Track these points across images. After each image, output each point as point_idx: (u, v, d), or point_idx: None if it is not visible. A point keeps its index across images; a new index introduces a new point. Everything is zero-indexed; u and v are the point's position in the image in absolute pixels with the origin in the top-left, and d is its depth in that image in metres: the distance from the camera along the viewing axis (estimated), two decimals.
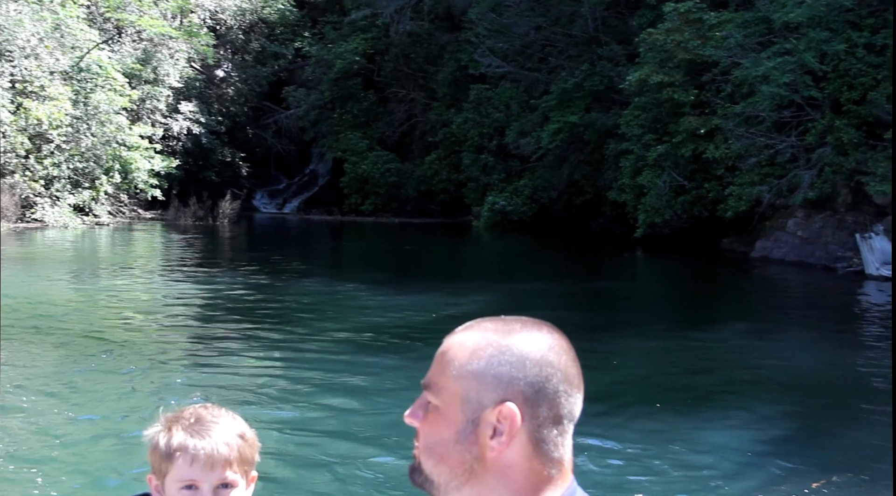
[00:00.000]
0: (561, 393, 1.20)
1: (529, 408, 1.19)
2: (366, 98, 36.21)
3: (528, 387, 1.19)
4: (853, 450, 6.91)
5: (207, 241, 24.95)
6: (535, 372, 1.19)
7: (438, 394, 1.23)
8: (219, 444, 1.68)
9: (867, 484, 6.15)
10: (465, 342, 1.23)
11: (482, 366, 1.20)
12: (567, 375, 1.22)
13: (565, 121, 25.98)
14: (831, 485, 6.01)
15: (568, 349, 1.24)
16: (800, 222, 19.59)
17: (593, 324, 12.69)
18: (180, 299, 13.54)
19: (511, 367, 1.19)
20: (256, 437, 1.77)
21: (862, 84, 17.75)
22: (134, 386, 8.08)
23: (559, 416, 1.21)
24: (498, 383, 1.19)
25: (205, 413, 1.74)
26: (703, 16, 20.17)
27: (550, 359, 1.21)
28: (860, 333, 12.30)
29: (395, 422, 7.12)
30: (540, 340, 1.22)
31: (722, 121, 19.92)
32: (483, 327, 1.24)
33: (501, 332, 1.22)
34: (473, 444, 1.20)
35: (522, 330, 1.23)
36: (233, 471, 1.70)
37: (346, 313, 12.67)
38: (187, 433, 1.69)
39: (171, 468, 1.68)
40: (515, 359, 1.20)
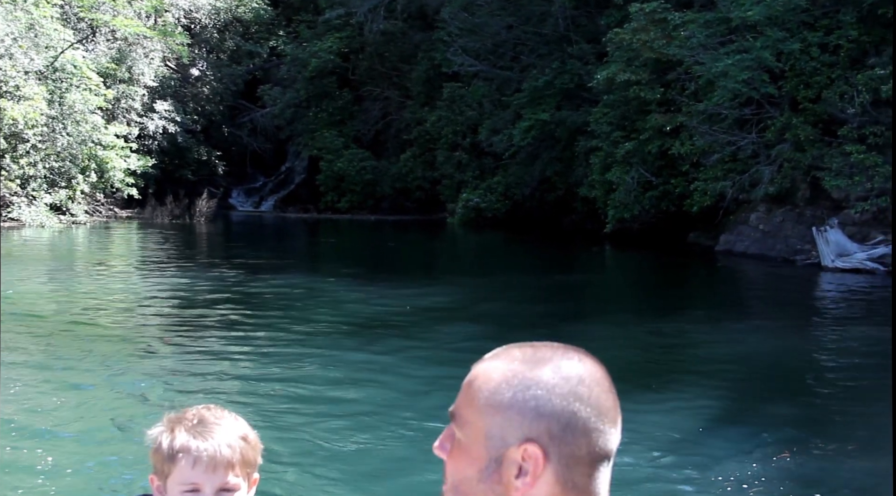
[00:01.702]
0: (591, 429, 1.14)
1: (556, 446, 1.12)
2: (341, 96, 36.52)
3: (555, 424, 1.13)
4: (803, 424, 7.37)
5: (184, 239, 25.19)
6: (562, 407, 1.13)
7: (463, 428, 1.18)
8: (221, 447, 1.67)
9: (814, 453, 6.60)
10: (491, 372, 1.17)
11: (506, 401, 1.14)
12: (599, 409, 1.15)
13: (537, 118, 26.47)
14: (785, 458, 6.47)
15: (601, 380, 1.17)
16: (761, 216, 20.19)
17: (559, 314, 13.16)
18: (157, 297, 13.81)
19: (537, 402, 1.13)
20: (258, 439, 1.76)
21: (817, 82, 18.34)
22: (112, 383, 8.25)
23: (590, 454, 1.14)
24: (522, 419, 1.13)
25: (208, 414, 1.72)
26: (667, 16, 20.69)
27: (580, 393, 1.14)
28: (811, 321, 12.84)
29: (371, 411, 7.52)
30: (569, 372, 1.15)
31: (686, 118, 20.45)
32: (511, 356, 1.18)
33: (529, 363, 1.16)
34: (497, 484, 1.14)
35: (552, 360, 1.16)
36: (235, 475, 1.68)
37: (324, 307, 13.00)
38: (190, 434, 1.67)
39: (174, 470, 1.67)
40: (542, 392, 1.13)
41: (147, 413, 7.25)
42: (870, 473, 6.20)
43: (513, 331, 11.27)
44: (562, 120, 26.29)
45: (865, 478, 6.13)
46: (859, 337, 11.37)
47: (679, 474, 6.01)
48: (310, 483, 5.77)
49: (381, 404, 7.77)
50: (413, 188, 34.42)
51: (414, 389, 8.26)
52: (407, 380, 8.63)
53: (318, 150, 35.98)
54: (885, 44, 17.83)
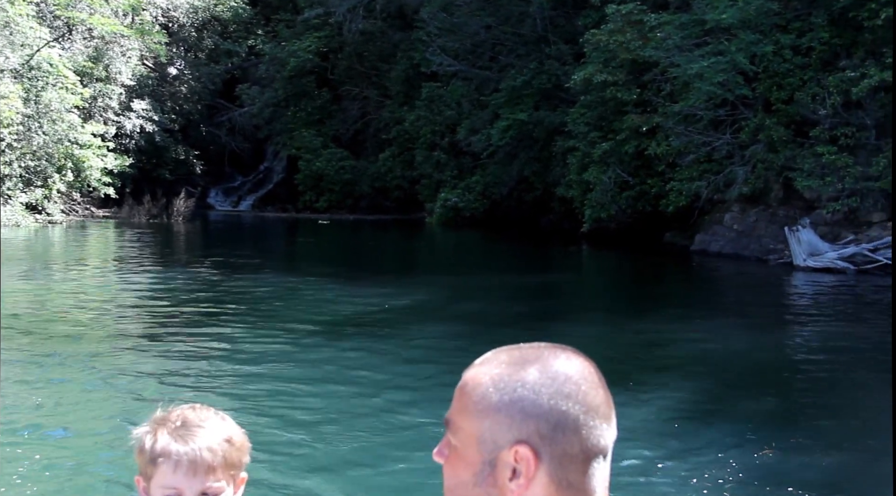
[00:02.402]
0: (582, 426, 1.13)
1: (547, 446, 1.12)
2: (319, 96, 36.53)
3: (544, 423, 1.12)
4: (775, 420, 7.52)
5: (162, 239, 25.12)
6: (550, 406, 1.13)
7: (456, 434, 1.18)
8: (202, 451, 1.63)
9: (786, 449, 6.74)
10: (480, 377, 1.17)
11: (494, 404, 1.14)
12: (588, 406, 1.14)
13: (515, 118, 26.63)
14: (758, 454, 6.61)
15: (589, 376, 1.16)
16: (735, 216, 20.44)
17: (537, 313, 13.29)
18: (134, 296, 13.80)
19: (524, 403, 1.13)
20: (246, 439, 1.74)
21: (790, 84, 18.60)
22: (89, 382, 8.27)
23: (583, 451, 1.14)
24: (512, 421, 1.13)
25: (192, 416, 1.68)
26: (643, 17, 20.90)
27: (567, 391, 1.14)
28: (783, 319, 13.04)
29: (349, 409, 7.60)
30: (556, 370, 1.15)
31: (662, 119, 20.67)
32: (499, 360, 1.18)
33: (516, 364, 1.16)
34: (492, 487, 1.15)
35: (538, 360, 1.16)
36: (216, 478, 1.65)
37: (302, 306, 13.05)
38: (172, 437, 1.64)
39: (156, 473, 1.64)
40: (529, 393, 1.13)
41: (125, 411, 7.30)
42: (841, 468, 6.34)
43: (490, 331, 11.39)
44: (539, 120, 26.45)
45: (836, 472, 6.27)
46: (830, 334, 11.57)
47: (654, 469, 6.13)
48: (285, 478, 5.84)
49: (359, 402, 7.85)
50: (392, 187, 34.50)
51: (392, 387, 8.34)
52: (385, 378, 8.71)
53: (297, 150, 35.98)
54: (855, 46, 18.12)
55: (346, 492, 5.73)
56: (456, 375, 5.28)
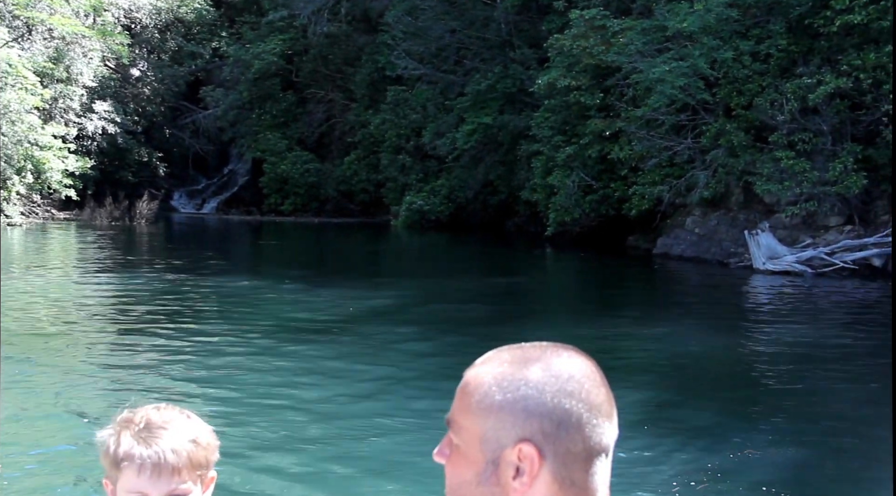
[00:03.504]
0: (585, 424, 1.14)
1: (551, 444, 1.12)
2: (284, 98, 36.41)
3: (548, 422, 1.12)
4: (732, 419, 7.67)
5: (124, 242, 24.88)
6: (553, 404, 1.13)
7: (459, 433, 1.18)
8: (166, 453, 1.60)
9: (744, 447, 6.88)
10: (482, 376, 1.17)
11: (497, 402, 1.14)
12: (591, 404, 1.15)
13: (479, 122, 26.76)
14: (717, 452, 6.74)
15: (591, 375, 1.17)
16: (697, 220, 20.73)
17: (501, 315, 13.38)
18: (96, 299, 13.67)
19: (527, 402, 1.13)
20: (214, 437, 1.71)
21: (749, 90, 18.91)
22: (45, 386, 8.22)
23: (586, 449, 1.14)
24: (515, 420, 1.13)
25: (155, 417, 1.65)
26: (606, 23, 21.13)
27: (570, 390, 1.14)
28: (742, 321, 13.26)
29: (313, 411, 7.62)
30: (558, 369, 1.15)
31: (625, 123, 20.90)
32: (500, 359, 1.18)
33: (518, 364, 1.16)
34: (496, 486, 1.14)
35: (540, 359, 1.16)
36: (182, 480, 1.62)
37: (266, 309, 13.00)
38: (135, 440, 1.61)
39: (121, 477, 1.62)
40: (532, 391, 1.13)
41: (89, 414, 7.26)
42: (801, 467, 6.47)
43: (454, 333, 11.48)
44: (504, 124, 26.61)
45: (792, 470, 6.41)
46: (789, 336, 11.80)
47: (615, 471, 6.23)
48: (246, 481, 5.85)
49: (323, 404, 7.87)
50: (357, 191, 34.48)
51: (356, 389, 8.38)
52: (349, 380, 8.74)
53: (262, 152, 35.83)
54: (811, 53, 18.47)
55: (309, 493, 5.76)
56: (420, 377, 5.48)
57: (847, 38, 17.66)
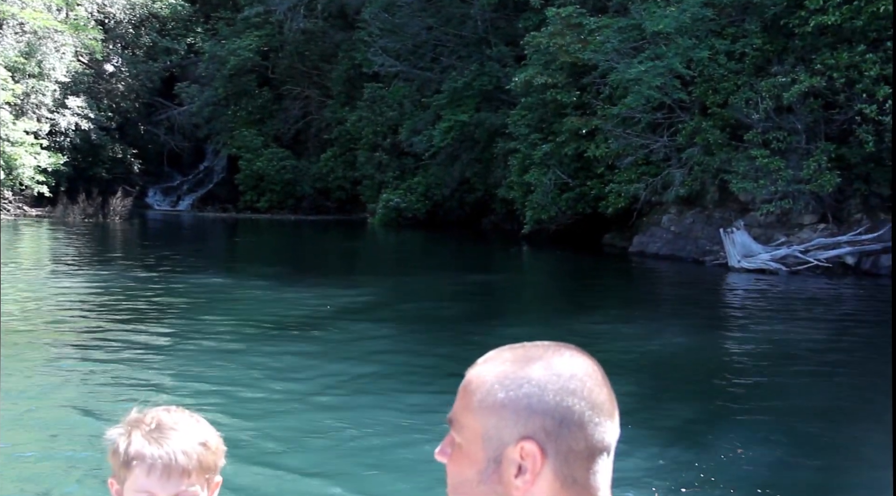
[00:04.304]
0: (587, 422, 1.14)
1: (553, 443, 1.13)
2: (260, 95, 36.20)
3: (550, 420, 1.13)
4: (707, 418, 7.70)
5: (98, 239, 24.64)
6: (555, 402, 1.13)
7: (460, 432, 1.18)
8: (177, 454, 1.60)
9: (717, 446, 6.90)
10: (484, 375, 1.17)
11: (500, 401, 1.14)
12: (593, 403, 1.15)
13: (456, 119, 26.73)
14: (691, 451, 6.76)
15: (593, 374, 1.18)
16: (673, 218, 20.82)
17: (478, 313, 13.38)
18: (69, 298, 13.50)
19: (530, 400, 1.13)
20: (222, 442, 1.71)
21: (725, 88, 19.02)
22: (25, 388, 8.13)
23: (588, 448, 1.14)
24: (517, 418, 1.13)
25: (166, 418, 1.65)
26: (583, 20, 21.15)
27: (573, 388, 1.14)
28: (717, 319, 13.34)
29: (289, 410, 7.57)
30: (560, 368, 1.15)
31: (601, 121, 20.94)
32: (502, 358, 1.18)
33: (520, 362, 1.16)
34: (497, 484, 1.14)
35: (542, 358, 1.16)
36: (190, 482, 1.62)
37: (242, 307, 12.93)
38: (146, 440, 1.61)
39: (129, 476, 1.61)
40: (534, 390, 1.13)
41: (69, 415, 7.18)
42: (774, 463, 6.50)
43: (432, 331, 11.46)
44: (481, 121, 26.60)
45: (772, 468, 6.43)
46: (763, 333, 11.89)
47: None
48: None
49: (300, 402, 7.83)
50: (333, 188, 34.36)
51: (333, 387, 8.34)
52: (327, 379, 8.70)
53: (237, 149, 35.59)
54: (786, 52, 18.60)
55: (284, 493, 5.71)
56: (398, 375, 5.43)
57: (821, 38, 17.79)
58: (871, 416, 7.75)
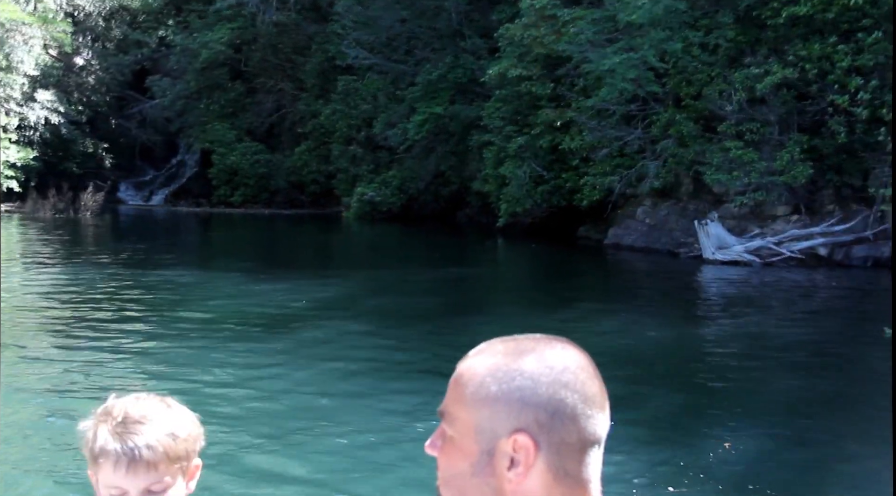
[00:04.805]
0: (580, 415, 1.13)
1: (545, 435, 1.12)
2: (233, 88, 35.87)
3: (542, 412, 1.12)
4: (681, 410, 7.69)
5: (69, 234, 24.32)
6: (548, 395, 1.12)
7: (452, 425, 1.18)
8: (140, 449, 1.56)
9: (692, 439, 6.89)
10: (476, 367, 1.17)
11: (492, 393, 1.14)
12: (585, 395, 1.15)
13: (430, 112, 26.62)
14: (666, 444, 6.74)
15: (585, 366, 1.17)
16: (647, 210, 20.87)
17: (453, 307, 13.34)
18: (39, 294, 13.33)
19: (522, 392, 1.13)
20: (196, 425, 1.68)
21: (698, 80, 19.07)
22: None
23: (580, 440, 1.14)
24: (510, 411, 1.13)
25: (133, 410, 1.60)
26: (557, 12, 21.10)
27: (565, 380, 1.14)
28: (692, 311, 13.38)
29: (264, 405, 7.49)
30: (553, 360, 1.15)
31: (576, 113, 20.93)
32: (494, 350, 1.18)
33: (512, 355, 1.16)
34: (490, 476, 1.14)
35: (534, 350, 1.16)
36: (158, 475, 1.58)
37: (217, 302, 12.81)
38: (111, 435, 1.57)
39: (99, 471, 1.60)
40: (527, 382, 1.13)
41: (46, 410, 7.06)
42: (752, 456, 6.50)
43: (406, 325, 11.40)
44: (455, 114, 26.51)
45: (750, 462, 6.42)
46: (738, 325, 11.93)
47: None
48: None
49: (275, 397, 7.75)
50: (308, 182, 34.14)
51: (306, 383, 8.26)
52: (301, 373, 8.62)
53: (210, 143, 35.26)
54: (759, 44, 18.66)
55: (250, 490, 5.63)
56: (373, 370, 5.32)
57: (793, 29, 17.87)
58: (848, 408, 7.79)
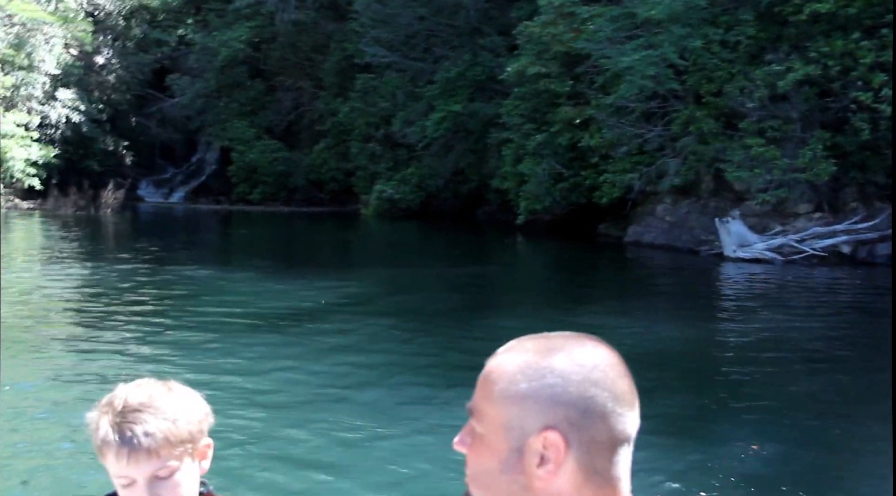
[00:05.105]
0: (609, 413, 1.13)
1: (576, 433, 1.12)
2: (252, 86, 35.98)
3: (573, 410, 1.12)
4: (699, 413, 7.64)
5: (90, 232, 24.49)
6: (578, 392, 1.12)
7: (482, 421, 1.17)
8: (140, 438, 1.56)
9: (711, 441, 6.85)
10: (505, 365, 1.17)
11: (522, 391, 1.14)
12: (615, 393, 1.14)
13: (449, 110, 26.60)
14: (685, 446, 6.70)
15: (616, 364, 1.16)
16: (668, 208, 20.76)
17: (473, 305, 13.33)
18: (62, 290, 13.43)
19: (552, 390, 1.12)
20: (199, 406, 1.67)
21: (719, 77, 18.94)
22: (14, 379, 8.08)
23: (610, 438, 1.14)
24: (540, 408, 1.12)
25: (133, 398, 1.60)
26: (576, 10, 21.02)
27: (595, 378, 1.13)
28: (714, 309, 13.30)
29: (286, 402, 7.51)
30: (583, 358, 1.14)
31: (595, 111, 20.84)
32: (524, 348, 1.18)
33: (542, 352, 1.16)
34: (520, 474, 1.14)
35: (564, 348, 1.16)
36: (161, 460, 1.58)
37: (236, 300, 12.85)
38: (111, 427, 1.57)
39: (106, 462, 1.60)
40: (557, 380, 1.13)
41: (58, 408, 7.10)
42: (767, 460, 6.45)
43: (427, 323, 11.39)
44: (474, 111, 26.47)
45: (763, 465, 6.38)
46: (762, 324, 11.84)
47: None
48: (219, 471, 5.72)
49: (295, 393, 7.77)
50: (327, 180, 34.19)
51: (328, 378, 8.28)
52: (321, 369, 8.64)
53: (230, 141, 35.38)
54: (780, 40, 18.51)
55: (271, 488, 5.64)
56: (394, 366, 5.32)
57: (815, 26, 17.71)
58: (872, 408, 7.71)
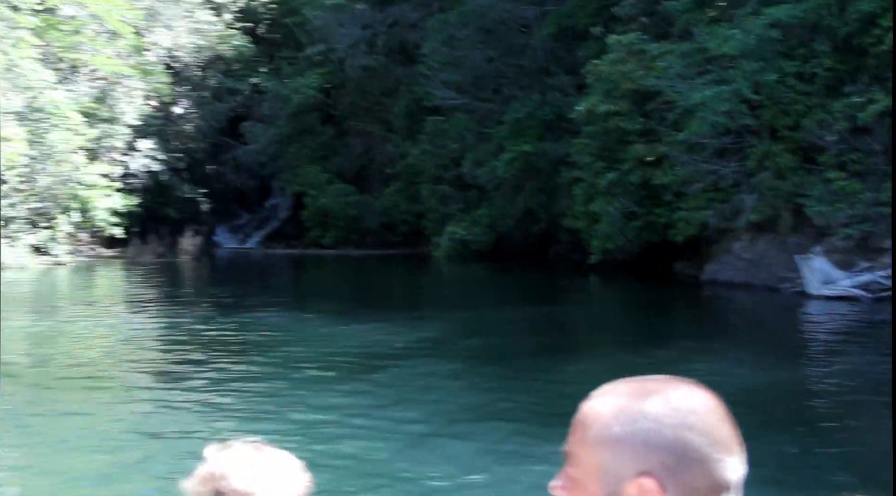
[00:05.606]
0: (708, 458, 1.10)
1: (672, 479, 1.09)
2: (323, 132, 36.61)
3: (668, 455, 1.10)
4: (788, 458, 7.33)
5: (170, 278, 25.05)
6: (673, 437, 1.10)
7: (577, 466, 1.16)
8: None
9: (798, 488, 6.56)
10: (600, 409, 1.16)
11: (617, 435, 1.12)
12: (713, 438, 1.11)
13: (519, 150, 26.60)
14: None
15: (714, 409, 1.14)
16: (745, 245, 20.27)
17: (547, 347, 13.15)
18: (144, 337, 13.71)
19: (647, 435, 1.11)
20: (301, 480, 1.73)
21: (795, 111, 18.51)
22: (103, 427, 8.21)
23: (708, 486, 1.10)
24: (634, 453, 1.11)
25: (238, 482, 1.65)
26: (645, 47, 20.90)
27: (691, 422, 1.11)
28: (799, 350, 12.85)
29: (365, 450, 7.46)
30: (678, 402, 1.13)
31: (667, 148, 20.58)
32: (618, 391, 1.17)
33: (637, 396, 1.14)
34: None
35: (659, 391, 1.14)
36: None
37: (312, 344, 12.96)
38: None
39: None
40: (651, 424, 1.11)
41: (148, 455, 7.18)
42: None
43: (502, 366, 11.25)
44: (544, 151, 26.41)
45: None
46: (849, 365, 11.39)
47: None
48: None
49: (372, 438, 7.73)
50: (398, 222, 34.41)
51: (405, 422, 8.22)
52: (397, 413, 8.59)
53: (302, 186, 35.97)
54: (859, 72, 18.05)
55: None
56: (470, 410, 5.19)
57: (892, 56, 17.21)
58: None
